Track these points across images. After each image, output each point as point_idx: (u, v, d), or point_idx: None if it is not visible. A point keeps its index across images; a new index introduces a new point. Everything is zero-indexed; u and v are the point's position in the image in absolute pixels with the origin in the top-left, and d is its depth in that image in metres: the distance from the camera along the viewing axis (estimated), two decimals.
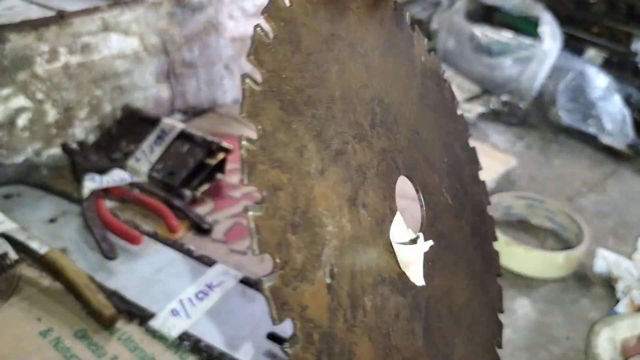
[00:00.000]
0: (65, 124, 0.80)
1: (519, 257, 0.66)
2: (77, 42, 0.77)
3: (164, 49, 0.88)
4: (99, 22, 0.78)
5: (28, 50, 0.72)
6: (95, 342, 0.52)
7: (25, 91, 0.74)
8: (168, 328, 0.53)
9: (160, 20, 0.86)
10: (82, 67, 0.78)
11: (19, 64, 0.72)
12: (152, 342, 0.53)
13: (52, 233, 0.65)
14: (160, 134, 0.78)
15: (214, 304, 0.56)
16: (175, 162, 0.75)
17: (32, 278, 0.59)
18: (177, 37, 0.89)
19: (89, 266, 0.60)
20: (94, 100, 0.82)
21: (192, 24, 0.90)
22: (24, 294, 0.57)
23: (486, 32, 1.08)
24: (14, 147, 0.75)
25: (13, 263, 0.57)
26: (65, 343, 0.52)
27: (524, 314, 0.61)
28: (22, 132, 0.75)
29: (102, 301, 0.54)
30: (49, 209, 0.69)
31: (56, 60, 0.75)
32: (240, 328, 0.54)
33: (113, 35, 0.81)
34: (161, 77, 0.90)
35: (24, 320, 0.54)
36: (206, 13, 0.92)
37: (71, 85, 0.78)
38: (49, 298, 0.57)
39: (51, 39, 0.74)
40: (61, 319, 0.54)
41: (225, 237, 0.68)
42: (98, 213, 0.66)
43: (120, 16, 0.80)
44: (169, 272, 0.60)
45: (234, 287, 0.58)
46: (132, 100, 0.86)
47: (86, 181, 0.69)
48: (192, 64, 0.93)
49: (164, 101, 0.92)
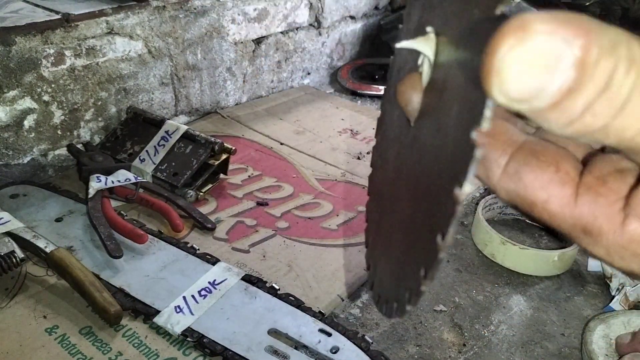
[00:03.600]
0: (71, 125, 0.81)
1: (515, 255, 0.67)
2: (82, 45, 0.78)
3: (167, 52, 0.89)
4: (103, 26, 0.79)
5: (34, 52, 0.73)
6: (101, 339, 0.53)
7: (32, 93, 0.75)
8: (172, 324, 0.54)
9: (164, 24, 0.87)
10: (87, 69, 0.79)
11: (25, 67, 0.73)
12: (156, 338, 0.54)
13: (58, 232, 0.66)
14: (164, 135, 0.79)
15: (216, 301, 0.57)
16: (179, 163, 0.76)
17: (38, 276, 0.60)
18: (181, 41, 0.90)
19: (95, 264, 0.61)
20: (99, 102, 0.83)
21: (195, 27, 0.92)
22: (30, 292, 0.58)
23: None
24: (21, 147, 0.76)
25: (19, 261, 0.57)
26: (70, 340, 0.53)
27: (519, 311, 0.62)
28: (28, 133, 0.76)
29: (107, 298, 0.54)
30: (55, 208, 0.70)
31: (62, 62, 0.76)
32: (243, 324, 0.55)
33: (118, 38, 0.82)
34: (165, 79, 0.91)
35: (30, 317, 0.55)
36: (209, 17, 0.93)
37: (77, 87, 0.79)
38: (55, 296, 0.58)
39: (57, 42, 0.75)
40: (67, 316, 0.55)
41: (227, 236, 0.70)
42: (103, 212, 0.66)
43: (124, 20, 0.82)
44: (173, 270, 0.61)
45: (236, 284, 0.59)
46: (136, 102, 0.87)
47: (92, 181, 0.70)
48: (196, 67, 0.95)
49: (168, 103, 0.93)
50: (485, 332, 0.59)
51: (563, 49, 0.15)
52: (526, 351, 0.57)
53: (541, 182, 0.20)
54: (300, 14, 1.10)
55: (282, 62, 1.12)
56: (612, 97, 0.15)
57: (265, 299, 0.58)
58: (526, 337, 0.59)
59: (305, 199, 0.78)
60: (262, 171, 0.84)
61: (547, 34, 0.15)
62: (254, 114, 1.02)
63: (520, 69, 0.15)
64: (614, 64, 0.15)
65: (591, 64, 0.15)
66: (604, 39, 0.15)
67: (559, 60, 0.15)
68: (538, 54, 0.15)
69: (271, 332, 0.54)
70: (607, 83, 0.15)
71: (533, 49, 0.15)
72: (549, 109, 0.16)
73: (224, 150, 0.77)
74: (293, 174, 0.85)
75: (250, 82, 1.07)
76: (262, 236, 0.70)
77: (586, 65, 0.15)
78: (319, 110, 1.06)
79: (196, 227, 0.70)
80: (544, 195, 0.20)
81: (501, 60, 0.15)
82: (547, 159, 0.20)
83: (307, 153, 0.90)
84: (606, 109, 0.15)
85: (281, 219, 0.74)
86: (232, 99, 1.04)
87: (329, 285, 0.63)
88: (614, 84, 0.15)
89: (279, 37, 1.08)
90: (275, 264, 0.65)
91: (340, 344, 0.53)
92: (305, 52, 1.15)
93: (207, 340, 0.53)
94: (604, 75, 0.15)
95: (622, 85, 0.15)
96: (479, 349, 0.57)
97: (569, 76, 0.15)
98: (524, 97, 0.15)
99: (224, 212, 0.74)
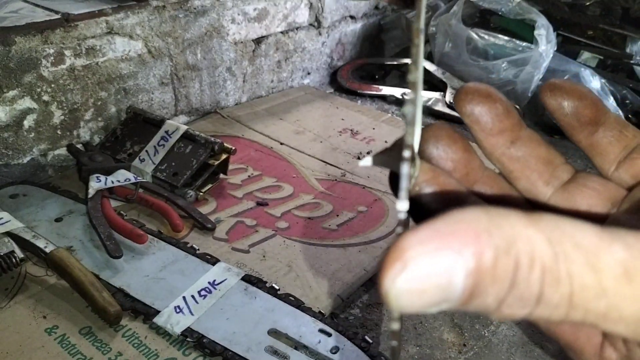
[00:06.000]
0: (71, 125, 0.81)
1: None
2: (82, 45, 0.78)
3: (167, 52, 0.89)
4: (103, 26, 0.79)
5: (34, 52, 0.73)
6: (100, 339, 0.53)
7: (31, 93, 0.75)
8: (172, 325, 0.54)
9: (164, 23, 0.87)
10: (87, 69, 0.79)
11: (25, 66, 0.73)
12: (156, 338, 0.54)
13: (58, 232, 0.66)
14: (164, 135, 0.79)
15: (216, 301, 0.57)
16: (178, 163, 0.76)
17: (37, 276, 0.60)
18: (181, 41, 0.90)
19: (94, 264, 0.61)
20: (99, 102, 0.83)
21: (195, 27, 0.91)
22: (30, 292, 0.58)
23: (483, 36, 1.09)
24: (20, 147, 0.76)
25: (19, 261, 0.57)
26: (70, 340, 0.53)
27: None
28: (28, 133, 0.76)
29: (107, 299, 0.54)
30: (54, 208, 0.70)
31: (61, 62, 0.76)
32: (243, 325, 0.55)
33: (117, 38, 0.82)
34: (165, 79, 0.91)
35: (30, 317, 0.55)
36: (209, 17, 0.93)
37: (76, 87, 0.79)
38: (55, 296, 0.57)
39: (56, 41, 0.75)
40: (66, 317, 0.55)
41: (227, 236, 0.69)
42: (103, 212, 0.66)
43: (124, 20, 0.81)
44: (172, 270, 0.61)
45: (236, 284, 0.59)
46: (136, 102, 0.87)
47: (91, 181, 0.70)
48: (195, 67, 0.95)
49: (168, 103, 0.93)
50: (486, 332, 0.59)
51: (452, 263, 0.14)
52: (526, 351, 0.57)
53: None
54: (300, 13, 1.10)
55: (282, 62, 1.12)
56: (522, 293, 0.14)
57: (265, 299, 0.58)
58: (526, 337, 0.59)
59: (305, 199, 0.78)
60: (262, 171, 0.84)
61: (429, 254, 0.14)
62: (254, 114, 1.02)
63: (411, 296, 0.14)
64: (514, 262, 0.14)
65: (488, 268, 0.14)
66: (497, 238, 0.14)
67: (450, 275, 0.14)
68: (425, 277, 0.14)
69: (271, 332, 0.54)
70: (512, 281, 0.14)
71: (417, 275, 0.14)
72: (463, 305, 0.15)
73: (224, 150, 0.77)
74: (293, 173, 0.84)
75: (250, 82, 1.06)
76: (262, 236, 0.70)
77: (482, 271, 0.14)
78: (319, 110, 1.06)
79: (196, 227, 0.70)
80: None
81: (388, 291, 0.14)
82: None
83: (307, 153, 0.90)
84: (520, 304, 0.14)
85: (281, 219, 0.73)
86: (232, 98, 1.04)
87: (329, 285, 0.62)
88: (520, 282, 0.14)
89: (279, 37, 1.08)
90: (275, 264, 0.65)
91: (340, 344, 0.53)
92: (305, 51, 1.15)
93: (207, 341, 0.53)
94: (506, 275, 0.14)
95: (529, 281, 0.14)
96: (479, 349, 0.57)
97: (467, 285, 0.14)
98: (428, 308, 0.14)
99: (224, 212, 0.74)
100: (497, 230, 0.14)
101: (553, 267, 0.14)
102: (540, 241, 0.14)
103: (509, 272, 0.14)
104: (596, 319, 0.14)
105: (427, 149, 0.22)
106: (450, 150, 0.22)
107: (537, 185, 0.23)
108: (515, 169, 0.23)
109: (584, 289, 0.14)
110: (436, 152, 0.22)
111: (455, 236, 0.14)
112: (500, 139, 0.22)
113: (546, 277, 0.14)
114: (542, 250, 0.14)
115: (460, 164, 0.22)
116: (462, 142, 0.22)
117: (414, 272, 0.14)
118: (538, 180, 0.23)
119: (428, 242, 0.14)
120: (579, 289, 0.14)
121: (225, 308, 0.57)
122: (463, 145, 0.22)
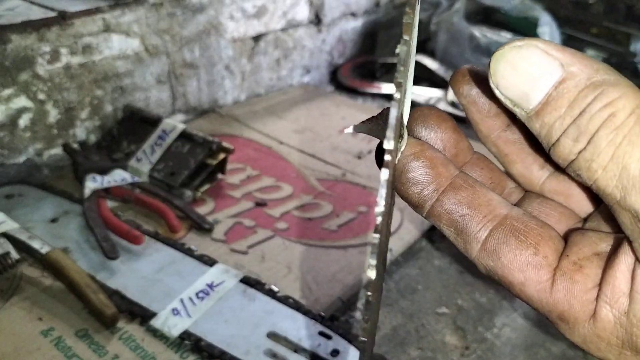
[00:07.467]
0: (67, 124, 0.80)
1: None
2: (78, 43, 0.77)
3: (164, 50, 0.88)
4: (100, 23, 0.79)
5: (29, 50, 0.72)
6: (97, 342, 0.53)
7: (27, 91, 0.74)
8: (169, 327, 0.53)
9: (161, 21, 0.86)
10: (83, 67, 0.79)
11: (21, 65, 0.72)
12: (153, 341, 0.53)
13: (54, 233, 0.65)
14: (161, 134, 0.78)
15: (214, 303, 0.56)
16: (176, 162, 0.76)
17: (33, 278, 0.59)
18: (178, 38, 0.89)
19: (91, 266, 0.60)
20: (95, 100, 0.82)
21: (192, 24, 0.91)
22: (26, 294, 0.57)
23: (485, 33, 1.09)
24: (16, 147, 0.76)
25: (14, 263, 0.58)
26: (66, 342, 0.52)
27: (523, 313, 0.62)
28: (23, 132, 0.76)
29: (104, 300, 0.54)
30: (50, 208, 0.69)
31: (57, 60, 0.76)
32: (241, 327, 0.54)
33: (114, 36, 0.81)
34: (162, 77, 0.90)
35: (26, 319, 0.54)
36: (207, 14, 0.92)
37: (72, 85, 0.78)
38: (51, 297, 0.57)
39: (52, 39, 0.74)
40: (62, 319, 0.55)
41: (225, 237, 0.69)
42: (99, 213, 0.66)
43: (121, 17, 0.81)
44: (170, 272, 0.60)
45: (234, 286, 0.59)
46: (133, 101, 0.87)
47: (87, 181, 0.69)
48: (193, 65, 0.94)
49: (165, 101, 0.92)
50: (489, 335, 0.59)
51: (549, 66, 0.17)
52: (530, 354, 0.57)
53: (519, 264, 0.20)
54: (299, 10, 1.09)
55: (282, 60, 1.11)
56: (584, 128, 0.16)
57: (264, 302, 0.57)
58: (530, 340, 0.58)
59: (304, 199, 0.77)
60: (261, 171, 0.83)
61: (541, 50, 0.17)
62: (253, 113, 1.01)
63: (508, 69, 0.17)
64: (593, 97, 0.16)
65: (569, 89, 0.16)
66: (597, 75, 0.16)
67: (542, 75, 0.17)
68: (527, 63, 0.17)
69: (270, 335, 0.54)
70: (583, 111, 0.16)
71: (523, 56, 0.17)
72: (533, 117, 0.17)
73: (222, 150, 0.77)
74: (292, 173, 0.84)
75: (249, 80, 1.06)
76: (260, 237, 0.69)
77: (564, 88, 0.16)
78: (319, 109, 1.05)
79: (193, 228, 0.69)
80: (521, 277, 0.20)
81: (496, 59, 0.17)
82: (526, 239, 0.20)
83: (306, 152, 0.89)
84: (575, 137, 0.17)
85: (280, 220, 0.73)
86: (230, 97, 1.03)
87: (329, 287, 0.62)
88: (586, 116, 0.16)
89: (278, 34, 1.07)
90: (274, 266, 0.64)
91: (341, 347, 0.53)
92: (305, 49, 1.14)
93: (204, 343, 0.52)
94: (583, 103, 0.16)
95: (593, 117, 0.16)
96: (482, 352, 0.56)
97: (546, 91, 0.17)
98: (511, 96, 0.17)
99: (222, 213, 0.73)
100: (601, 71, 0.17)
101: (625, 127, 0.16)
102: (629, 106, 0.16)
103: (585, 103, 0.16)
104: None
105: (416, 128, 0.22)
106: (440, 129, 0.22)
107: (532, 169, 0.23)
108: (510, 152, 0.23)
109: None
110: (425, 131, 0.22)
111: (568, 53, 0.17)
112: (497, 120, 0.23)
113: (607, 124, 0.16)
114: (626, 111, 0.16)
115: (450, 143, 0.22)
116: (450, 122, 0.23)
117: (524, 52, 0.17)
118: (533, 163, 0.23)
119: (549, 45, 0.17)
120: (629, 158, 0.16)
121: (223, 310, 0.56)
122: (452, 125, 0.23)
